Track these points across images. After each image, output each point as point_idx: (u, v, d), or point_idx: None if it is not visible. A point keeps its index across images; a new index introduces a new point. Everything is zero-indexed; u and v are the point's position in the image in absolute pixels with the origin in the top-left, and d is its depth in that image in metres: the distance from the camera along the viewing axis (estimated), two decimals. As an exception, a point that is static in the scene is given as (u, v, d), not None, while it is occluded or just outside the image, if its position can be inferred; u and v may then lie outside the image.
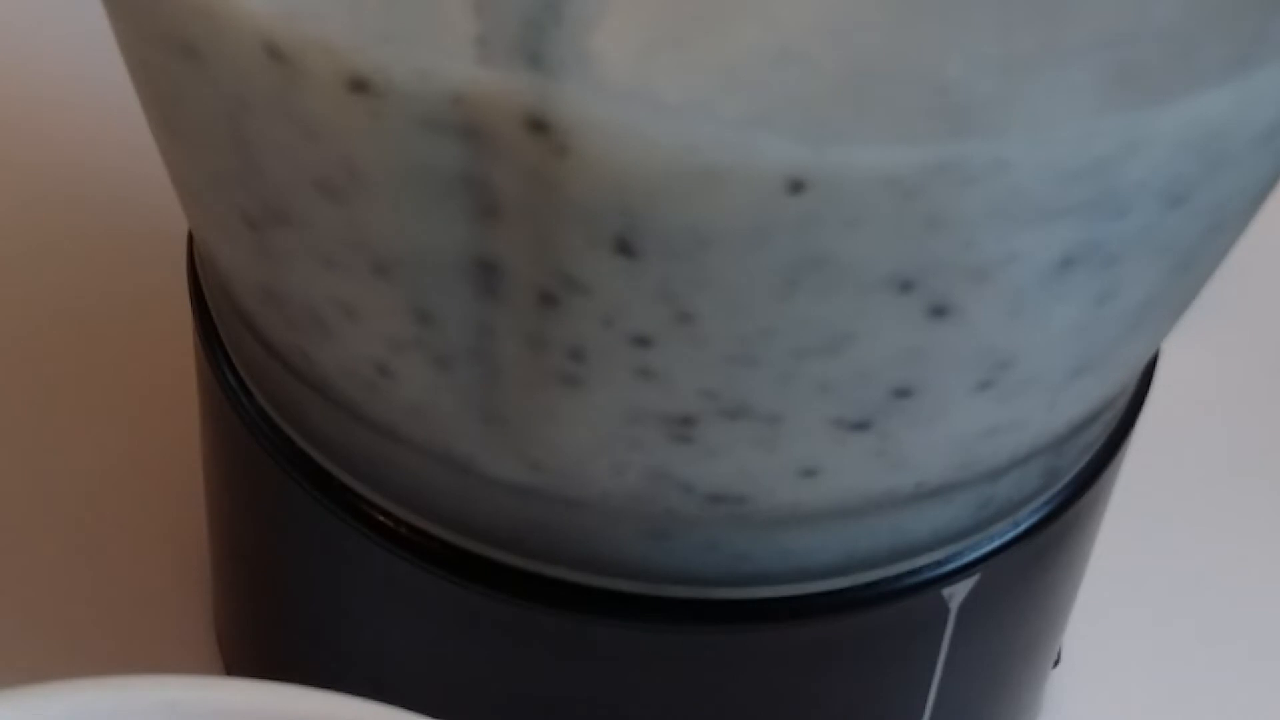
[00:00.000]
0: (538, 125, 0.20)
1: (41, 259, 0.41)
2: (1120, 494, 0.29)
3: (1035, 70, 0.19)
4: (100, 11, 0.34)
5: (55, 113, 0.44)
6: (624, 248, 0.21)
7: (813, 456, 0.23)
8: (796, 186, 0.19)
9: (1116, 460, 0.28)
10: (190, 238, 0.29)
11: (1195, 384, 0.40)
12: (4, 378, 0.38)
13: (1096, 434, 0.27)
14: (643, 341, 0.22)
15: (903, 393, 0.22)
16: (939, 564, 0.26)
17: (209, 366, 0.29)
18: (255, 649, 0.34)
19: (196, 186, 0.25)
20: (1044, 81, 0.19)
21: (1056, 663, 0.33)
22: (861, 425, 0.23)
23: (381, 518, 0.27)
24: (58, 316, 0.40)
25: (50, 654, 0.35)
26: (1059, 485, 0.27)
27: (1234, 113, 0.21)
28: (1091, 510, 0.28)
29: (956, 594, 0.26)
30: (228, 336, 0.28)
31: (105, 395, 0.38)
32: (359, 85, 0.20)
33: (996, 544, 0.26)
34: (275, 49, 0.21)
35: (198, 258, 0.28)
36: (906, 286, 0.21)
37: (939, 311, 0.21)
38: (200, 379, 0.30)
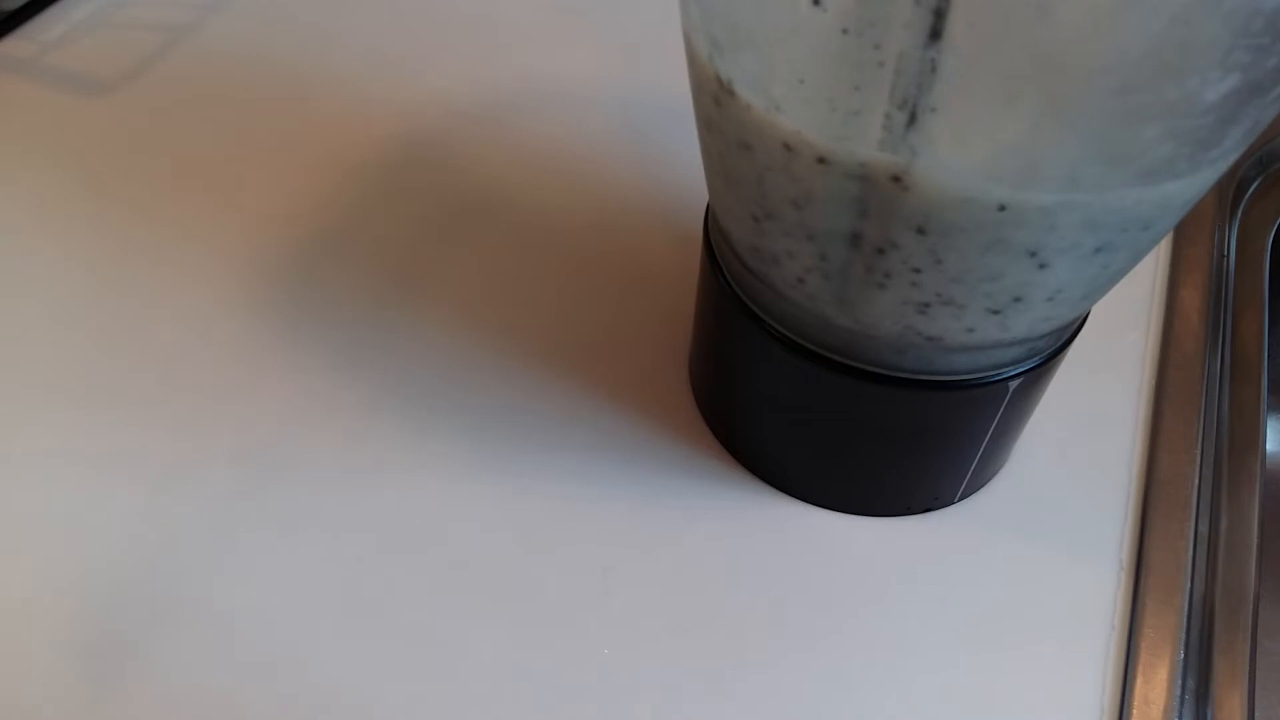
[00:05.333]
0: (896, 178, 0.20)
1: (641, 220, 0.39)
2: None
3: (1111, 173, 0.19)
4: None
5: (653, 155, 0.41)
6: (920, 230, 0.21)
7: (973, 324, 0.23)
8: (1002, 208, 0.20)
9: (1077, 336, 0.27)
10: (707, 211, 0.28)
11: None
12: (623, 267, 0.36)
13: (1076, 323, 0.26)
14: (916, 270, 0.22)
15: (1017, 300, 0.22)
16: (1008, 371, 0.26)
17: (708, 260, 0.28)
18: (703, 384, 0.32)
19: (728, 199, 0.24)
20: (1110, 176, 0.19)
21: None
22: (996, 312, 0.23)
23: (777, 332, 0.26)
24: (646, 240, 0.38)
25: (611, 379, 0.33)
26: (1057, 344, 0.26)
27: (1179, 193, 0.21)
28: (1062, 356, 0.27)
29: (1012, 384, 0.26)
30: (719, 252, 0.27)
31: (662, 270, 0.36)
32: (822, 160, 0.21)
33: (1030, 365, 0.26)
34: (788, 145, 0.21)
35: (711, 221, 0.28)
36: (1032, 254, 0.21)
37: (1043, 265, 0.21)
38: (701, 267, 0.29)
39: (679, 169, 0.39)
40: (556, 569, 0.28)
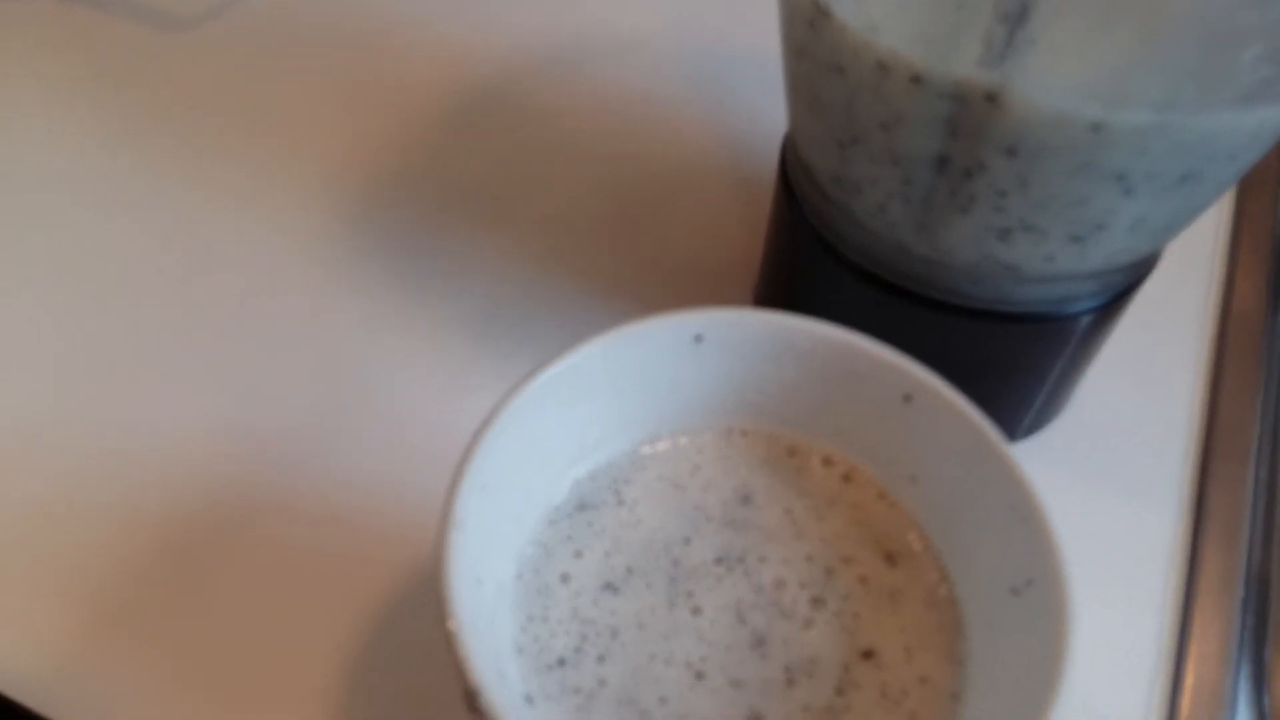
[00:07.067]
0: (990, 97, 0.20)
1: (703, 146, 0.39)
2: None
3: (1207, 95, 0.19)
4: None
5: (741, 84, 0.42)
6: (1010, 152, 0.21)
7: (1053, 252, 0.23)
8: (1095, 128, 0.20)
9: (1149, 274, 0.27)
10: (783, 145, 0.28)
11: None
12: (689, 208, 0.37)
13: (1149, 260, 0.26)
14: (1001, 194, 0.22)
15: (1100, 227, 0.23)
16: (1082, 305, 0.26)
17: (783, 193, 0.28)
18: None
19: (813, 127, 0.25)
20: (1206, 98, 0.19)
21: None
22: (1078, 239, 0.23)
23: (852, 263, 0.26)
24: (711, 182, 0.38)
25: (674, 294, 0.34)
26: (1130, 280, 0.26)
27: (1272, 120, 0.21)
28: (1134, 294, 0.27)
29: (1084, 319, 0.26)
30: (796, 185, 0.27)
31: (727, 210, 0.37)
32: (916, 79, 0.21)
33: (1103, 300, 0.26)
34: (882, 64, 0.21)
35: (789, 153, 0.27)
36: (1120, 178, 0.21)
37: (1128, 191, 0.22)
38: (775, 201, 0.29)
39: (745, 116, 0.40)
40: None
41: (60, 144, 0.37)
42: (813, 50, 0.23)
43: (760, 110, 0.40)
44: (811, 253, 0.27)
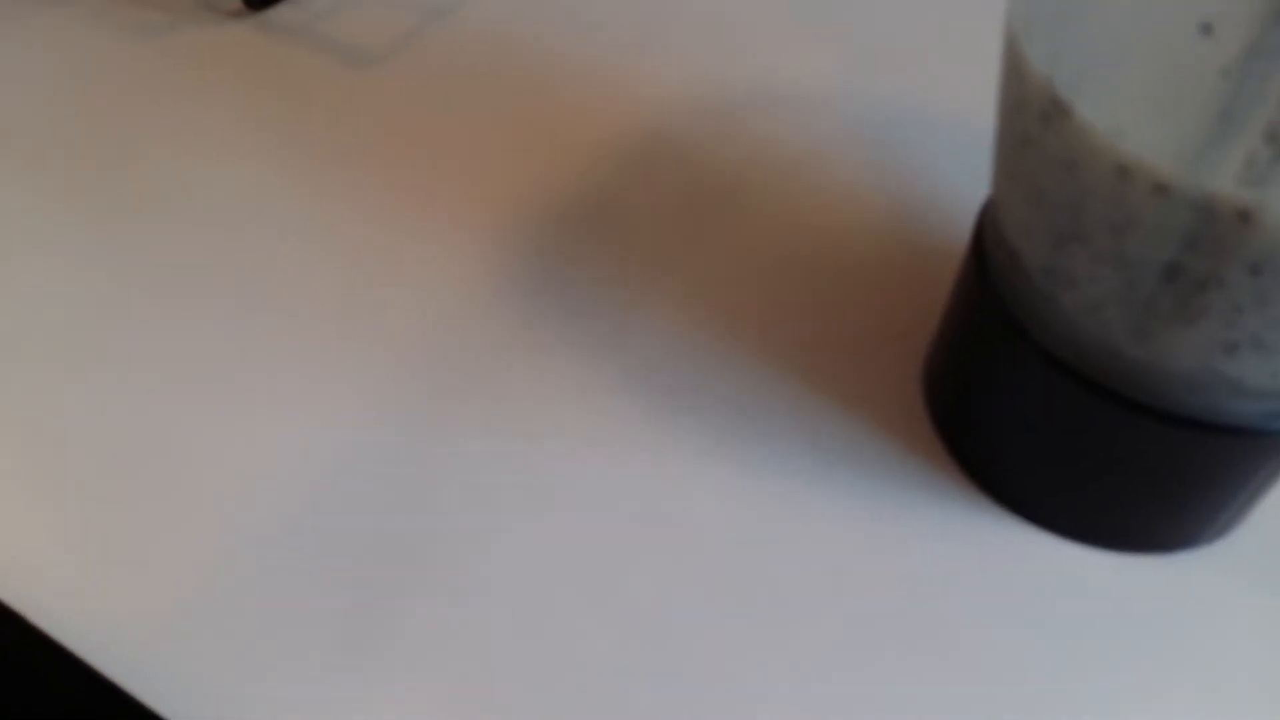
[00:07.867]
0: (1244, 215, 0.20)
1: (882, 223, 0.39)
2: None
3: None
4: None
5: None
6: (1255, 270, 0.20)
7: (1281, 370, 0.22)
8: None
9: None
10: (979, 223, 0.27)
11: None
12: (857, 272, 0.36)
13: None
14: (1236, 310, 0.21)
15: (1337, 350, 0.21)
16: None
17: (975, 273, 0.27)
18: (943, 398, 0.30)
19: (1026, 217, 0.24)
20: None
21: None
22: (1309, 361, 0.21)
23: (1049, 355, 0.25)
24: (881, 247, 0.37)
25: (839, 381, 0.33)
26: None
27: None
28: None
29: None
30: (995, 266, 0.26)
31: (897, 278, 0.36)
32: (1160, 190, 0.20)
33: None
34: (1123, 169, 0.21)
35: (989, 234, 0.26)
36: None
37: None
38: (963, 279, 0.28)
39: (919, 176, 0.39)
40: (786, 566, 0.28)
41: (243, 169, 0.38)
42: (1042, 144, 0.22)
43: (936, 171, 0.39)
44: (1002, 335, 0.27)
